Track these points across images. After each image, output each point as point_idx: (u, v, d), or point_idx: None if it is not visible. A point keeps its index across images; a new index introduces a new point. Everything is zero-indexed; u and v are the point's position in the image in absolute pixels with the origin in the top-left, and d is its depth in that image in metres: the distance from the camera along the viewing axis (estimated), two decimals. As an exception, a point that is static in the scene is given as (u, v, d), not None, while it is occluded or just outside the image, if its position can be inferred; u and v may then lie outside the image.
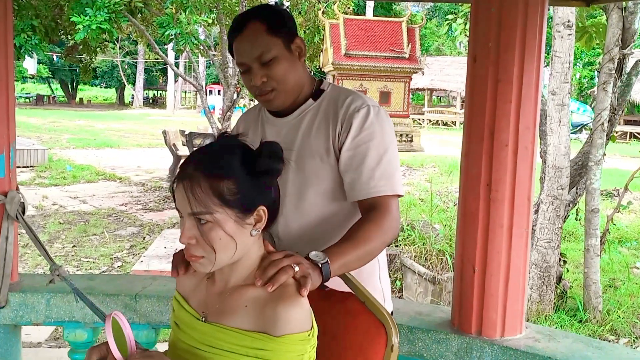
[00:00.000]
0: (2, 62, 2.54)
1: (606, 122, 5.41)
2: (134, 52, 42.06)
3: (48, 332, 4.80)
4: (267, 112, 1.87)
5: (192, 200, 1.27)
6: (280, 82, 1.72)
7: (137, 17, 8.92)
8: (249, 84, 1.75)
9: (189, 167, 1.31)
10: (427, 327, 2.36)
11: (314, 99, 1.79)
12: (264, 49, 1.68)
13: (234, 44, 1.74)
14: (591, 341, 2.39)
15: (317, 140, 1.74)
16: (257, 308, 1.29)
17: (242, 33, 1.71)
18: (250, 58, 1.70)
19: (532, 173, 2.28)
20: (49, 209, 9.85)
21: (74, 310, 2.62)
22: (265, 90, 1.72)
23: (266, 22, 1.69)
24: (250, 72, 1.71)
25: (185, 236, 1.30)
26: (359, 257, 1.59)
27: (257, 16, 1.72)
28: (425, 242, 6.43)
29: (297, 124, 1.78)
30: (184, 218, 1.30)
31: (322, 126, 1.74)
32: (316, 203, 1.75)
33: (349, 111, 1.71)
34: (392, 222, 1.67)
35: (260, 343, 1.26)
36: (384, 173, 1.68)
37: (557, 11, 5.47)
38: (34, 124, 24.44)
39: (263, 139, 1.78)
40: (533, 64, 2.21)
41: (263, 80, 1.71)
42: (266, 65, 1.69)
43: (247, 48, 1.70)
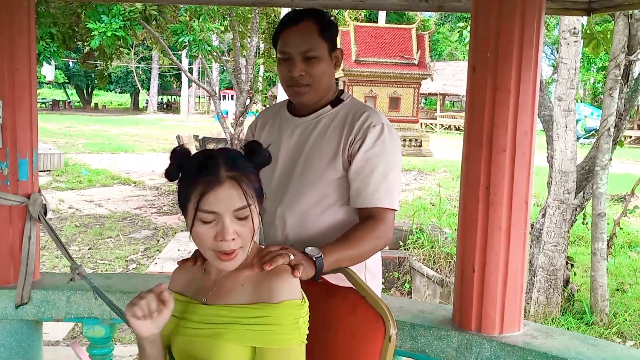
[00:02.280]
0: (26, 71, 2.67)
1: (612, 127, 5.47)
2: (149, 57, 42.43)
3: (66, 331, 4.94)
4: (286, 111, 2.03)
5: (240, 196, 1.40)
6: (316, 80, 1.87)
7: (151, 24, 9.09)
8: (286, 74, 1.88)
9: (222, 169, 1.41)
10: (429, 324, 2.45)
11: (332, 106, 1.95)
12: (311, 47, 1.83)
13: (284, 32, 1.87)
14: (587, 338, 2.47)
15: (328, 144, 1.88)
16: (253, 284, 1.44)
17: (297, 25, 1.85)
18: (297, 50, 1.84)
19: (530, 177, 2.37)
20: (65, 213, 10.04)
21: (93, 307, 2.73)
22: (300, 83, 1.86)
23: (320, 25, 1.86)
24: (291, 63, 1.85)
25: (230, 233, 1.39)
26: (351, 257, 1.76)
27: (314, 16, 1.87)
28: (434, 246, 6.52)
29: (313, 126, 1.93)
30: (222, 217, 1.39)
31: (335, 132, 1.89)
32: (317, 201, 1.90)
33: (365, 125, 1.85)
34: (385, 231, 1.84)
35: (261, 311, 1.40)
36: (388, 188, 1.84)
37: (563, 18, 5.56)
38: (50, 129, 24.77)
39: (279, 134, 1.98)
40: (530, 73, 2.30)
41: (301, 73, 1.85)
42: (308, 61, 1.84)
43: (297, 40, 1.84)
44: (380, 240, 1.83)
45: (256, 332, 1.40)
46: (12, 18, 2.58)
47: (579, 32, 5.57)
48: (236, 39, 10.36)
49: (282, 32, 1.88)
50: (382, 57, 15.65)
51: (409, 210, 9.05)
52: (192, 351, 1.47)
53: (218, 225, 1.40)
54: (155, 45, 10.78)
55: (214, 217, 1.40)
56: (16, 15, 2.60)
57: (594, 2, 2.97)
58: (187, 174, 1.46)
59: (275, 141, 1.98)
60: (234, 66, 10.61)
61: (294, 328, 1.40)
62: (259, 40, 11.09)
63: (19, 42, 2.61)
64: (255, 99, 11.52)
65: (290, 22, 1.86)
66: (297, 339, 1.42)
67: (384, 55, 15.78)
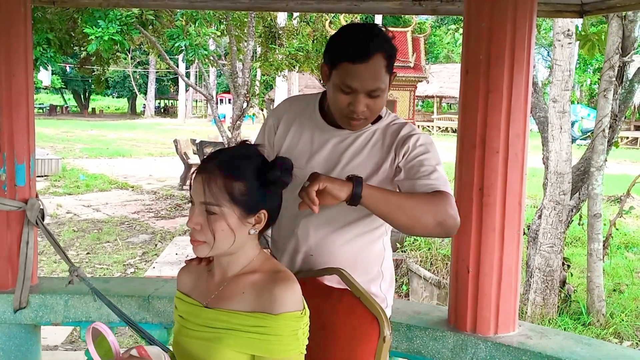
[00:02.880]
0: (23, 77, 2.69)
1: (607, 128, 5.50)
2: (146, 62, 42.46)
3: (64, 335, 4.95)
4: (320, 116, 1.89)
5: (206, 191, 1.44)
6: (374, 114, 1.77)
7: (148, 29, 9.12)
8: (344, 105, 1.73)
9: (210, 163, 1.48)
10: (424, 325, 2.48)
11: (372, 123, 1.84)
12: (380, 85, 1.70)
13: (349, 67, 1.68)
14: (581, 338, 2.49)
15: (365, 163, 1.80)
16: (254, 293, 1.45)
17: (366, 62, 1.67)
18: (365, 88, 1.69)
19: (523, 178, 2.39)
20: (63, 217, 10.04)
21: (91, 311, 2.75)
22: (359, 117, 1.74)
23: (387, 60, 1.72)
24: (353, 97, 1.71)
25: (193, 221, 1.46)
26: (400, 205, 1.62)
27: (382, 50, 1.70)
28: (430, 247, 6.54)
29: (350, 141, 1.83)
30: (195, 205, 1.47)
31: (374, 151, 1.81)
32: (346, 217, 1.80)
33: (404, 136, 1.79)
34: (447, 208, 1.65)
35: (260, 321, 1.41)
36: (439, 178, 1.72)
37: (557, 21, 5.59)
38: (47, 134, 24.77)
39: (310, 139, 1.87)
40: (522, 75, 2.33)
41: (364, 109, 1.72)
42: (372, 97, 1.72)
43: (367, 79, 1.69)
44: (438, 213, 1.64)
45: (255, 341, 1.41)
46: (8, 24, 2.60)
47: (572, 34, 5.61)
48: (233, 43, 10.39)
49: (347, 64, 1.69)
50: (378, 60, 15.82)
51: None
52: (192, 353, 1.49)
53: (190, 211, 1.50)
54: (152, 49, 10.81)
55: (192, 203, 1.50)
56: (13, 21, 2.62)
57: (586, 4, 3.00)
58: None
59: (306, 147, 1.88)
60: (231, 70, 10.63)
61: (293, 339, 1.42)
62: (256, 44, 11.12)
63: (15, 47, 2.63)
64: (252, 102, 11.54)
65: (359, 58, 1.67)
66: (296, 349, 1.43)
67: (380, 58, 15.95)
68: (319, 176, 1.54)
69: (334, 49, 1.74)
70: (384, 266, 1.89)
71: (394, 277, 2.01)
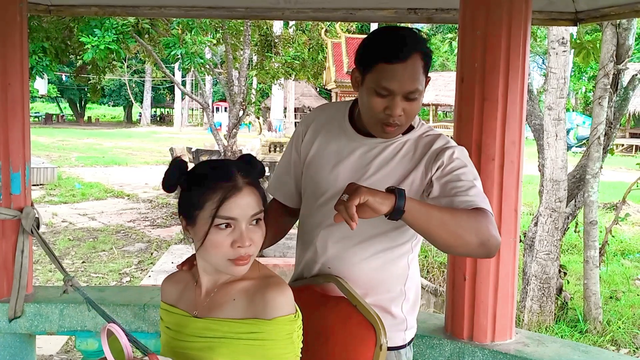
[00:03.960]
0: (18, 86, 2.69)
1: (603, 135, 5.52)
2: (142, 70, 42.50)
3: (59, 344, 4.92)
4: (348, 123, 1.82)
5: (258, 201, 1.43)
6: (409, 119, 1.68)
7: (144, 38, 9.13)
8: (380, 109, 1.64)
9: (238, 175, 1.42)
10: (421, 333, 2.47)
11: (402, 133, 1.75)
12: (418, 87, 1.62)
13: (388, 67, 1.60)
14: (578, 345, 2.49)
15: (395, 171, 1.72)
16: (246, 299, 1.43)
17: (404, 62, 1.60)
18: (402, 90, 1.61)
19: (519, 185, 2.39)
20: (58, 226, 10.01)
21: (86, 320, 2.74)
22: (395, 122, 1.65)
23: (425, 60, 1.64)
24: (390, 100, 1.62)
25: (248, 239, 1.40)
26: (443, 221, 1.50)
27: (420, 50, 1.63)
28: (427, 255, 6.54)
29: (379, 150, 1.75)
30: (241, 222, 1.40)
31: (404, 162, 1.73)
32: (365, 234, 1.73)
33: (438, 149, 1.69)
34: (489, 227, 1.55)
35: (254, 327, 1.39)
36: (478, 194, 1.61)
37: (551, 29, 5.62)
38: (43, 143, 24.73)
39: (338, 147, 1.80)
40: (517, 82, 2.34)
41: (401, 114, 1.63)
42: (409, 101, 1.63)
43: (405, 79, 1.60)
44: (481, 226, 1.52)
45: (249, 347, 1.39)
46: (4, 32, 2.60)
47: (567, 42, 5.64)
48: (229, 52, 10.42)
49: (384, 64, 1.61)
50: (374, 69, 15.97)
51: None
52: None
53: (235, 232, 1.39)
54: (148, 58, 10.82)
55: (232, 224, 1.40)
56: (9, 29, 2.62)
57: (580, 13, 3.02)
58: (197, 183, 1.45)
59: (333, 155, 1.80)
60: (227, 78, 10.66)
61: (288, 343, 1.40)
62: (252, 53, 11.14)
63: (11, 56, 2.63)
64: (248, 110, 11.55)
65: (397, 57, 1.60)
66: (291, 353, 1.42)
67: (375, 66, 16.10)
68: (359, 188, 1.39)
69: (368, 51, 1.66)
70: (407, 286, 1.80)
71: (419, 299, 1.89)
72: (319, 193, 1.82)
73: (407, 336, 1.84)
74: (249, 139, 24.75)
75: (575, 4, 2.96)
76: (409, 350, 1.87)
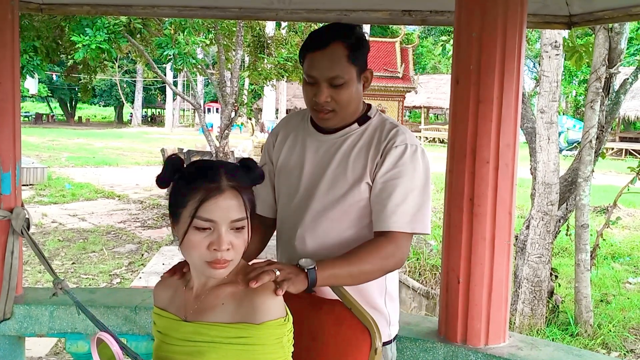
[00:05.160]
0: (9, 84, 2.66)
1: (594, 139, 5.54)
2: (133, 71, 42.34)
3: (48, 347, 4.88)
4: (310, 124, 1.92)
5: (240, 206, 1.39)
6: (342, 107, 1.77)
7: (136, 38, 9.09)
8: (311, 97, 1.78)
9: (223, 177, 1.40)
10: (415, 336, 2.46)
11: (359, 124, 1.85)
12: (339, 73, 1.72)
13: (310, 56, 1.75)
14: (571, 349, 2.48)
15: (355, 164, 1.80)
16: (235, 303, 1.41)
17: (323, 50, 1.73)
18: (323, 76, 1.73)
19: (513, 188, 2.39)
20: (48, 227, 9.94)
21: (76, 322, 2.71)
22: (325, 109, 1.77)
23: (349, 49, 1.73)
24: (317, 87, 1.75)
25: (226, 243, 1.38)
26: (351, 274, 1.65)
27: (342, 39, 1.74)
28: (419, 258, 6.54)
29: (338, 144, 1.84)
30: (220, 225, 1.38)
31: (362, 152, 1.80)
32: (339, 223, 1.81)
33: (387, 146, 1.77)
34: (395, 251, 1.72)
35: (243, 332, 1.37)
36: (407, 210, 1.72)
37: (544, 32, 5.64)
38: (33, 143, 24.57)
39: (303, 149, 1.89)
40: (512, 85, 2.33)
41: (327, 100, 1.75)
42: (335, 88, 1.74)
43: (324, 66, 1.72)
44: (388, 260, 1.71)
45: (239, 352, 1.38)
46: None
47: (560, 45, 5.65)
48: (221, 52, 10.39)
49: (308, 54, 1.76)
50: (367, 70, 16.04)
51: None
52: None
53: (214, 234, 1.38)
54: (140, 58, 10.78)
55: (210, 226, 1.38)
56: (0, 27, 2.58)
57: (574, 16, 3.02)
58: (184, 180, 1.44)
59: (298, 157, 1.90)
60: (219, 79, 10.63)
61: (278, 347, 1.39)
62: (244, 53, 11.11)
63: (2, 55, 2.60)
64: (240, 111, 11.52)
65: (317, 45, 1.74)
66: (281, 357, 1.40)
67: (368, 68, 16.17)
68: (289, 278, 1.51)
69: (302, 47, 1.81)
70: (387, 280, 1.86)
71: (397, 294, 1.98)
72: (292, 195, 1.90)
73: (392, 332, 1.90)
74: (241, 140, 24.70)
75: (570, 8, 2.96)
76: (394, 346, 1.94)
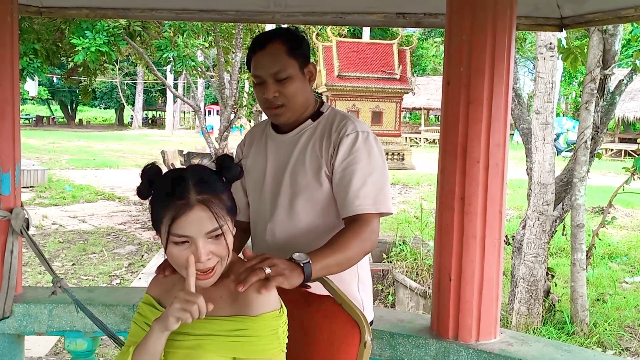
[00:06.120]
0: (9, 86, 2.70)
1: (590, 140, 5.58)
2: (133, 73, 42.40)
3: (48, 347, 4.92)
4: (271, 129, 2.04)
5: (211, 218, 1.41)
6: (290, 100, 1.89)
7: (135, 40, 9.14)
8: (261, 96, 1.91)
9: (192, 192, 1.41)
10: (407, 332, 2.50)
11: (312, 120, 1.97)
12: (281, 68, 1.85)
13: (254, 58, 1.90)
14: (561, 345, 2.53)
15: (311, 157, 1.90)
16: (232, 296, 1.47)
17: (263, 49, 1.88)
18: (267, 73, 1.86)
19: (503, 187, 2.43)
20: (48, 229, 9.98)
21: (75, 320, 2.75)
22: (275, 104, 1.89)
23: (287, 45, 1.88)
24: (264, 86, 1.88)
25: (205, 254, 1.41)
26: (338, 262, 1.74)
27: (280, 37, 1.89)
28: (416, 258, 6.58)
29: (295, 141, 1.95)
30: (196, 239, 1.40)
31: (316, 145, 1.91)
32: (305, 215, 1.91)
33: (339, 135, 1.88)
34: (371, 234, 1.82)
35: (240, 324, 1.43)
36: (368, 193, 1.83)
37: (539, 34, 5.69)
38: (33, 145, 24.60)
39: (265, 152, 2.01)
40: (502, 86, 2.37)
41: (275, 95, 1.87)
42: (280, 83, 1.86)
43: (266, 64, 1.87)
44: (366, 243, 1.81)
45: (236, 344, 1.43)
46: (-5, 34, 2.62)
47: (555, 47, 5.70)
48: (220, 55, 10.44)
49: (253, 57, 1.91)
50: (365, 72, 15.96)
51: (392, 223, 9.10)
52: None
53: (192, 247, 1.41)
54: (140, 60, 10.83)
55: (187, 239, 1.41)
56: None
57: (566, 18, 3.07)
58: (157, 197, 1.48)
59: (262, 159, 2.01)
60: (219, 81, 10.67)
61: (274, 338, 1.44)
62: (243, 56, 11.16)
63: (2, 57, 2.64)
64: (239, 114, 11.57)
65: (258, 47, 1.89)
66: (277, 348, 1.45)
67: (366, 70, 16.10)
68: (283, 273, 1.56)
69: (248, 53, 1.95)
70: (359, 267, 1.95)
71: (370, 281, 2.07)
72: (258, 194, 2.02)
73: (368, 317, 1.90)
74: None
75: (561, 10, 3.01)
76: None
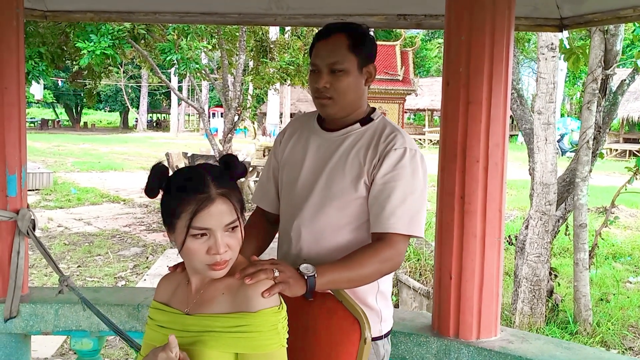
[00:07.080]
0: (15, 89, 2.74)
1: (591, 140, 5.60)
2: (138, 76, 42.52)
3: (54, 347, 4.96)
4: (316, 122, 2.01)
5: (231, 211, 1.47)
6: (340, 94, 1.87)
7: (140, 43, 9.19)
8: (313, 85, 1.90)
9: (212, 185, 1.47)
10: (409, 331, 2.53)
11: (361, 124, 1.92)
12: (338, 59, 1.85)
13: (316, 46, 1.90)
14: (561, 342, 2.55)
15: (352, 162, 1.86)
16: (232, 293, 1.50)
17: (326, 39, 1.88)
18: (324, 63, 1.86)
19: (503, 186, 2.45)
20: (54, 231, 10.03)
21: (81, 320, 2.78)
22: (324, 95, 1.87)
23: (350, 40, 1.87)
24: (318, 74, 1.87)
25: (223, 246, 1.46)
26: (350, 279, 1.73)
27: (345, 31, 1.89)
28: (420, 258, 6.60)
29: (339, 142, 1.92)
30: (214, 232, 1.46)
31: (361, 152, 1.87)
32: (333, 220, 1.87)
33: (386, 147, 1.84)
34: (393, 255, 1.78)
35: (240, 320, 1.46)
36: (405, 212, 1.78)
37: (541, 35, 5.71)
38: (39, 148, 24.70)
39: (306, 145, 1.98)
40: (501, 86, 2.40)
41: (326, 85, 1.86)
42: (334, 74, 1.85)
43: (325, 53, 1.87)
44: (385, 264, 1.77)
45: (237, 340, 1.46)
46: (0, 37, 2.65)
47: (556, 47, 5.72)
48: (224, 57, 10.48)
49: (314, 45, 1.91)
50: (367, 73, 16.12)
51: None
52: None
53: (210, 240, 1.46)
54: (144, 63, 10.88)
55: (206, 232, 1.46)
56: (5, 34, 2.66)
57: (565, 19, 3.09)
58: (174, 192, 1.51)
59: (301, 151, 1.98)
60: (223, 84, 10.71)
61: (274, 333, 1.47)
62: (247, 58, 11.21)
63: (7, 60, 2.68)
64: (243, 116, 11.61)
65: (321, 36, 1.90)
66: (277, 343, 1.48)
67: (369, 71, 16.26)
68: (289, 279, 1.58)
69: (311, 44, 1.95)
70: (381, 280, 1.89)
71: (390, 292, 2.02)
72: (292, 188, 1.97)
73: (384, 328, 1.93)
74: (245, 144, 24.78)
75: (560, 11, 3.02)
76: (387, 342, 1.97)
